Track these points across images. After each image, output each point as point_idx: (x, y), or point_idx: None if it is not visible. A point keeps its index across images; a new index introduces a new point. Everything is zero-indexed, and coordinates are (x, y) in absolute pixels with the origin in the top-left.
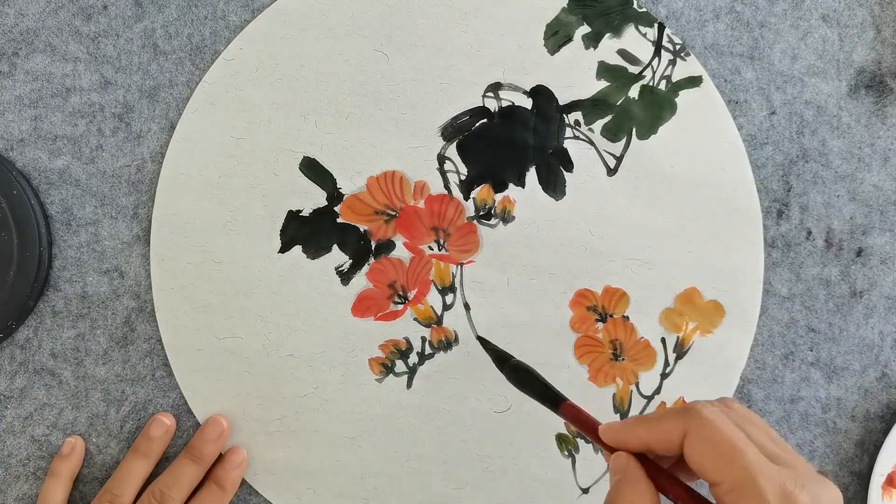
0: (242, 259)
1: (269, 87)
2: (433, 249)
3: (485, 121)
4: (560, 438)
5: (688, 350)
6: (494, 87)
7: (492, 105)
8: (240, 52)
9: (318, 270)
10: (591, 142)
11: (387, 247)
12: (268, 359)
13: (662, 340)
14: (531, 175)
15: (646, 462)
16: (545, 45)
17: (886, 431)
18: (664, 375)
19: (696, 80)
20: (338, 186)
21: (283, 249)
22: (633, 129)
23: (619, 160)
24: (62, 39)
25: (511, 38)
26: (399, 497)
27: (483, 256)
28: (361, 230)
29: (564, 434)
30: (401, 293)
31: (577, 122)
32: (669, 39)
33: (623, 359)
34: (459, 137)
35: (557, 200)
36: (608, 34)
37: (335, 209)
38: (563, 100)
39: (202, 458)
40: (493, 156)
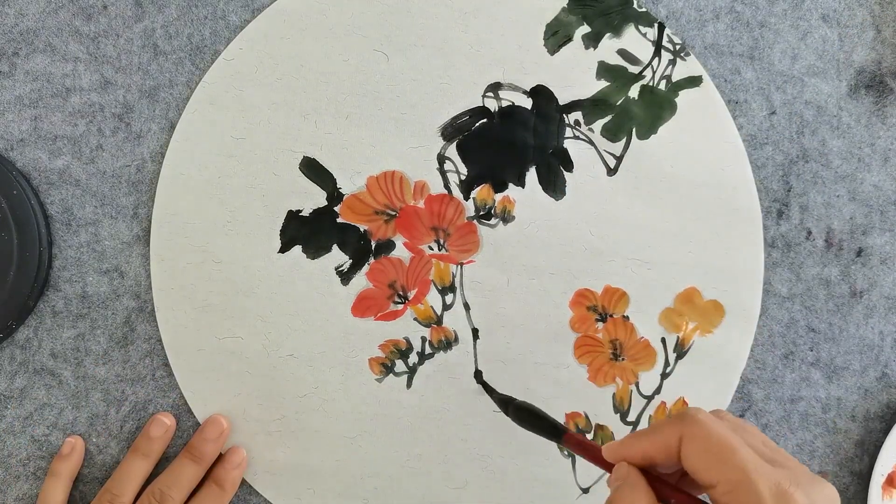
0: (242, 259)
1: (269, 87)
2: (433, 249)
3: (485, 121)
4: None
5: (688, 350)
6: (494, 87)
7: (492, 105)
8: (240, 52)
9: (318, 270)
10: (591, 142)
11: (387, 247)
12: (268, 359)
13: (662, 340)
14: (531, 175)
15: (647, 474)
16: (545, 45)
17: (886, 431)
18: (664, 375)
19: (696, 80)
20: (338, 186)
21: (283, 249)
22: (633, 129)
23: (619, 160)
24: (62, 39)
25: (511, 38)
26: (399, 497)
27: (483, 256)
28: (361, 230)
29: None
30: (401, 293)
31: (577, 122)
32: (669, 39)
33: (623, 359)
34: (459, 137)
35: (557, 200)
36: (608, 34)
37: (335, 209)
38: (563, 100)
39: (202, 458)
40: (493, 156)
